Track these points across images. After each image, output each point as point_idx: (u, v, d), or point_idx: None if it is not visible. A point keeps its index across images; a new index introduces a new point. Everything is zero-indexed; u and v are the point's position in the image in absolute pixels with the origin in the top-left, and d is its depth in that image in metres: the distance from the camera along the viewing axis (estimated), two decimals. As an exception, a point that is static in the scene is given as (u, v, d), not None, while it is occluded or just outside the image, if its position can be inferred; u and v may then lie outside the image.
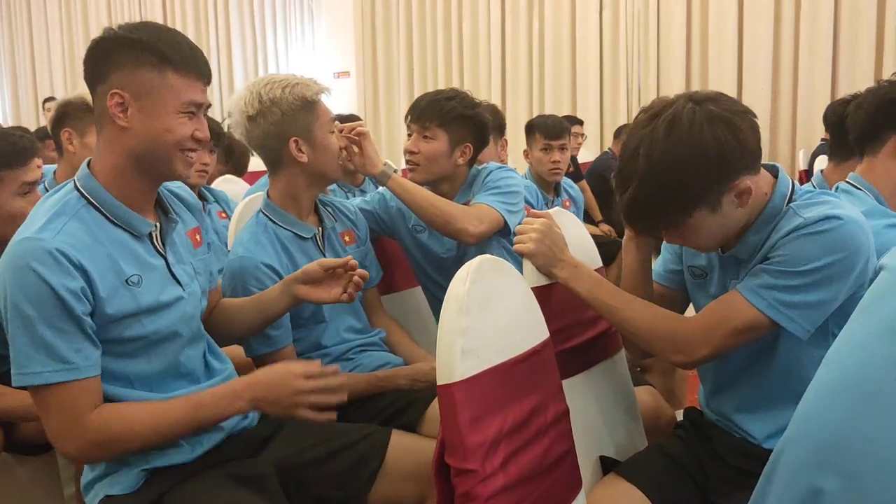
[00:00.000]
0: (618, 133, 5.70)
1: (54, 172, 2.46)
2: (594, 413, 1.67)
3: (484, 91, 7.22)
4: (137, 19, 8.54)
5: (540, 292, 1.57)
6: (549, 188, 3.43)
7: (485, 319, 1.08)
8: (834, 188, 1.83)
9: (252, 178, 3.60)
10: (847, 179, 1.82)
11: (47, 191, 2.35)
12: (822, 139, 5.39)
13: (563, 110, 6.62)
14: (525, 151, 3.57)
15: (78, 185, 1.36)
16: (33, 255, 1.22)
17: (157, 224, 1.43)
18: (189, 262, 1.50)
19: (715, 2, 6.27)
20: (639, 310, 1.46)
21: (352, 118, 3.54)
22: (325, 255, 1.99)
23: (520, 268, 1.50)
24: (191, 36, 6.62)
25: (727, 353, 1.42)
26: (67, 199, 1.33)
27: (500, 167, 2.33)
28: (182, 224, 1.52)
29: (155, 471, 1.37)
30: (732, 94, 6.16)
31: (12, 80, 9.59)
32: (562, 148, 3.39)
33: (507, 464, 1.03)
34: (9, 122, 9.12)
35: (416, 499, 1.57)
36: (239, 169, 3.58)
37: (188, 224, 1.55)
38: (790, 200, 1.39)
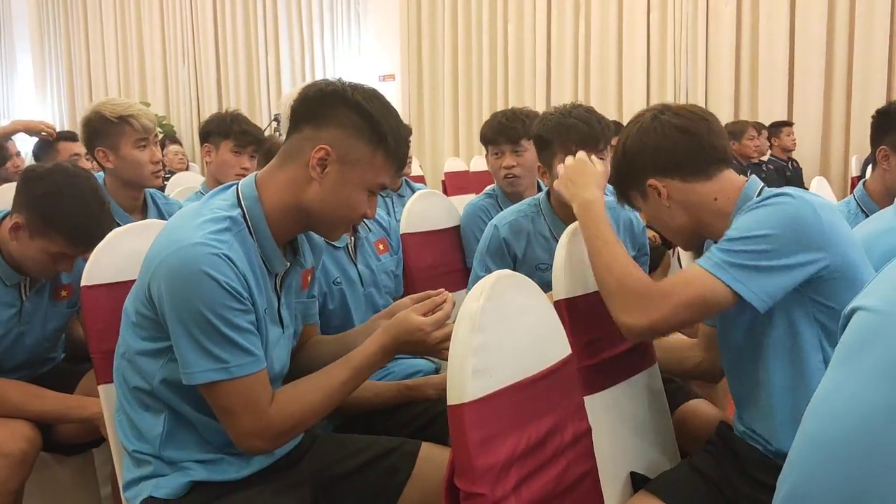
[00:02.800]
0: None
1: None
2: (625, 428, 1.64)
3: (528, 94, 7.17)
4: (189, 24, 8.74)
5: (569, 304, 1.55)
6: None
7: (500, 337, 1.05)
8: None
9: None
10: (854, 191, 1.81)
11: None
12: (877, 144, 5.23)
13: (609, 114, 6.53)
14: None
15: (243, 204, 1.37)
16: (204, 261, 1.25)
17: (288, 265, 1.44)
18: (293, 304, 1.51)
19: (766, 2, 6.12)
20: (617, 260, 1.47)
21: None
22: (356, 265, 1.99)
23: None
24: (239, 39, 6.70)
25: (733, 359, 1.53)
26: (233, 217, 1.34)
27: None
28: (302, 266, 1.53)
29: (203, 482, 1.38)
30: (783, 97, 6.09)
31: (69, 84, 9.85)
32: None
33: (519, 487, 1.01)
34: (65, 125, 9.36)
35: None
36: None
37: (306, 263, 1.55)
38: None
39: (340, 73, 8.23)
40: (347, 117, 1.35)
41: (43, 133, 3.39)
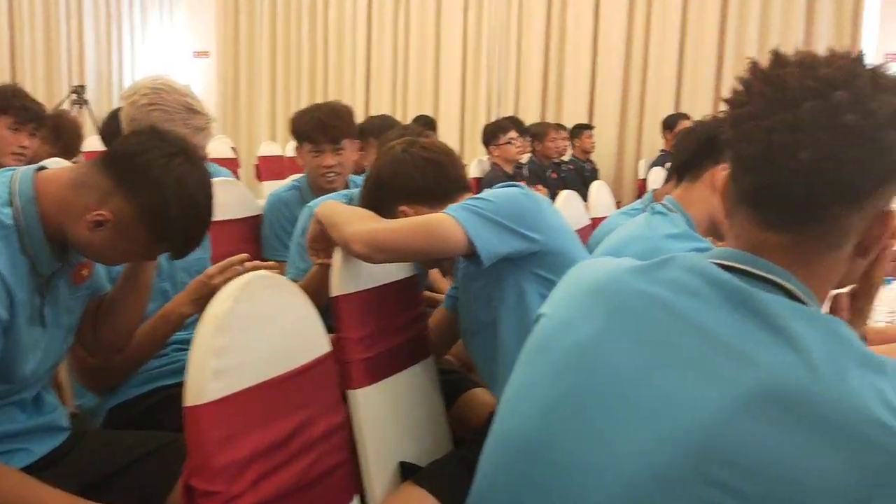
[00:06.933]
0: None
1: None
2: (397, 419, 1.70)
3: (348, 80, 7.18)
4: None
5: (346, 300, 1.60)
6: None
7: (248, 338, 1.07)
8: (650, 209, 1.95)
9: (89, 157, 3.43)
10: (663, 202, 1.93)
11: None
12: (661, 150, 5.69)
13: (426, 107, 6.68)
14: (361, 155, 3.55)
15: (17, 203, 1.28)
16: None
17: (59, 265, 1.36)
18: (65, 301, 1.42)
19: (573, 10, 6.47)
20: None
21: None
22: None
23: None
24: (37, 3, 6.01)
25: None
26: (3, 219, 1.26)
27: None
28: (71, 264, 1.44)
29: None
30: (585, 100, 6.46)
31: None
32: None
33: (259, 483, 1.04)
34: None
35: None
36: (70, 150, 3.40)
37: (75, 260, 1.45)
38: None
39: (151, 47, 7.83)
40: (146, 197, 1.27)
41: None
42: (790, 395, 0.72)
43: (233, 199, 2.62)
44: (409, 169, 1.69)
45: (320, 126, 2.47)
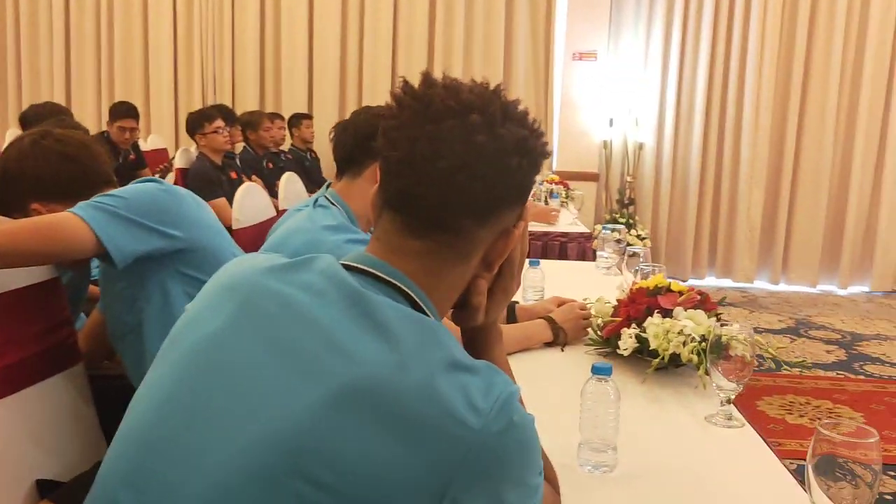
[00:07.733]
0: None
1: None
2: (33, 434, 1.60)
3: (45, 69, 6.57)
4: None
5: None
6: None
7: None
8: (313, 202, 1.97)
9: None
10: (326, 195, 1.95)
11: None
12: (373, 141, 5.83)
13: (135, 95, 6.28)
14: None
15: None
16: None
17: None
18: None
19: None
20: None
21: None
22: None
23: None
24: None
25: None
26: None
27: None
28: None
29: None
30: (304, 91, 6.43)
31: None
32: None
33: None
34: None
35: None
36: None
37: None
38: None
39: None
40: None
41: None
42: (378, 391, 0.76)
43: None
44: (39, 163, 1.59)
45: None
